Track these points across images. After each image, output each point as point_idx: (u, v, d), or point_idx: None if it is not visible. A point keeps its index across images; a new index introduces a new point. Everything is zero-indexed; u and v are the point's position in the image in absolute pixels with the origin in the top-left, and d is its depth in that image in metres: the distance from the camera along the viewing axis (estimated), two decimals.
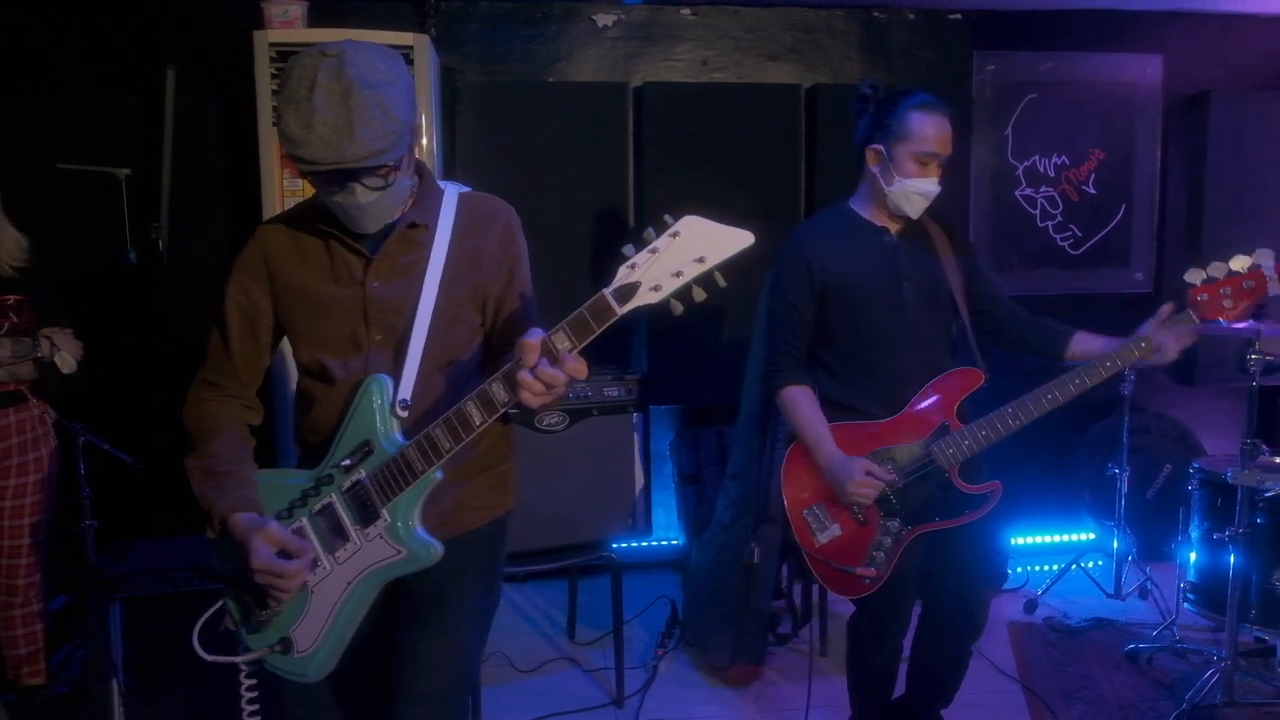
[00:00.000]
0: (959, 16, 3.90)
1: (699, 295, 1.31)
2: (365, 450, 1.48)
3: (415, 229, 1.55)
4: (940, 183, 2.05)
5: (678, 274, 1.30)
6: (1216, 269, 1.99)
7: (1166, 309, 2.01)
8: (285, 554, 1.47)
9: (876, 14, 3.86)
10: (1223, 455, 3.30)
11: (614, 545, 3.02)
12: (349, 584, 1.50)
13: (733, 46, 3.79)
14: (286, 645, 1.52)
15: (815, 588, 3.24)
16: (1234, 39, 4.10)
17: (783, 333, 2.12)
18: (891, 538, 2.06)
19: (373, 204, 1.45)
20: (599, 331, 1.33)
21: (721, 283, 1.32)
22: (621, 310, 1.32)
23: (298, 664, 1.53)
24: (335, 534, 1.51)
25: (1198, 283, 1.99)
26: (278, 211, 3.03)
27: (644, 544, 3.77)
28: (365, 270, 1.53)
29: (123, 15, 3.39)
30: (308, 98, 1.36)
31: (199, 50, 3.37)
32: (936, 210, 2.13)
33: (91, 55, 3.40)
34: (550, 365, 1.32)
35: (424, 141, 3.10)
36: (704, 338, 3.65)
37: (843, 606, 3.47)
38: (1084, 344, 2.09)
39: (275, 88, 2.93)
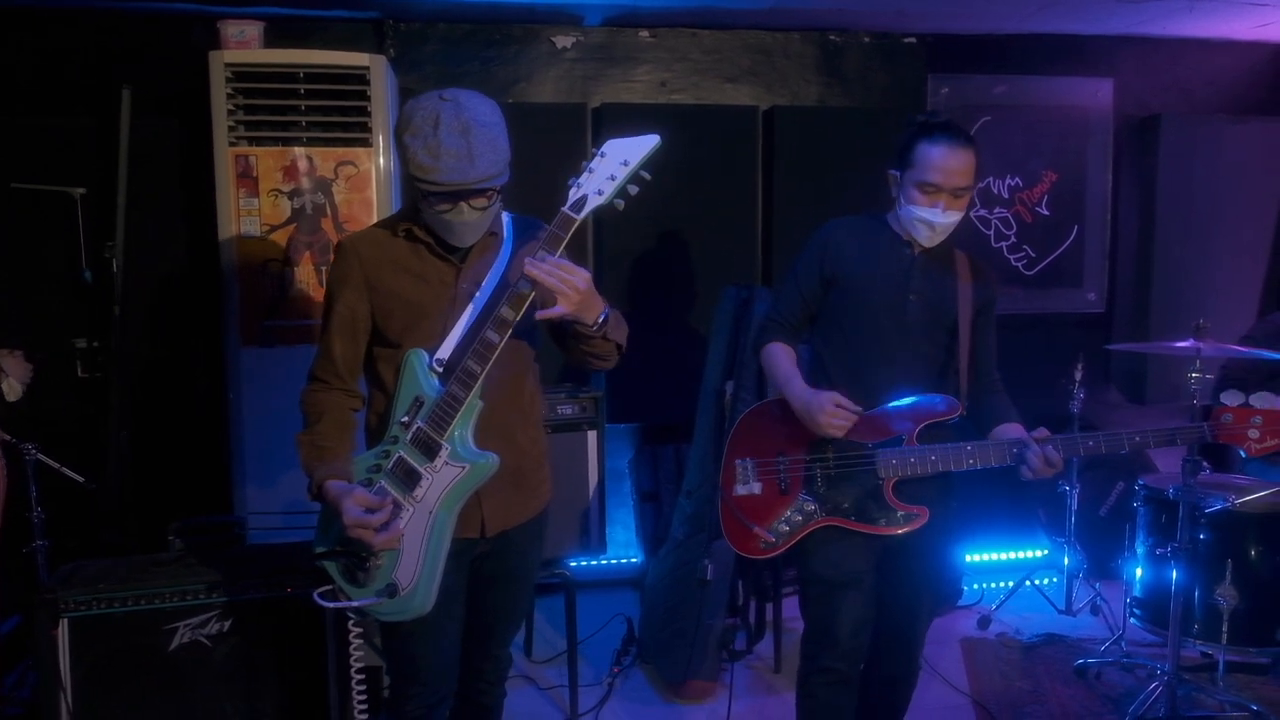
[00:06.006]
0: (914, 40, 3.97)
1: (632, 189, 1.71)
2: (418, 405, 1.76)
3: (492, 236, 1.86)
4: (946, 213, 2.03)
5: (612, 178, 1.69)
6: (1260, 399, 1.96)
7: (1041, 432, 2.01)
8: (371, 511, 1.74)
9: (833, 37, 3.92)
10: (1168, 472, 3.36)
11: (571, 563, 3.04)
12: (430, 514, 1.77)
13: (691, 68, 3.84)
14: (392, 590, 1.77)
15: (770, 605, 3.27)
16: (1183, 63, 4.19)
17: (782, 300, 2.23)
18: (803, 517, 2.10)
19: (475, 222, 1.76)
20: (566, 238, 1.70)
21: (647, 177, 1.71)
22: (579, 216, 1.70)
23: (402, 603, 1.78)
24: (410, 479, 1.77)
25: (1231, 404, 1.97)
26: (233, 231, 3.06)
27: (603, 562, 3.79)
28: (454, 275, 1.83)
29: (77, 36, 3.39)
30: (434, 133, 1.65)
31: (155, 71, 3.37)
32: (958, 242, 2.15)
33: (47, 76, 3.40)
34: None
35: (382, 162, 3.12)
36: (660, 356, 3.68)
37: (798, 623, 3.51)
38: (1002, 431, 2.09)
39: (229, 106, 3.01)
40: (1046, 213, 4.14)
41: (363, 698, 2.37)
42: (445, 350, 1.78)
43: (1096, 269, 4.22)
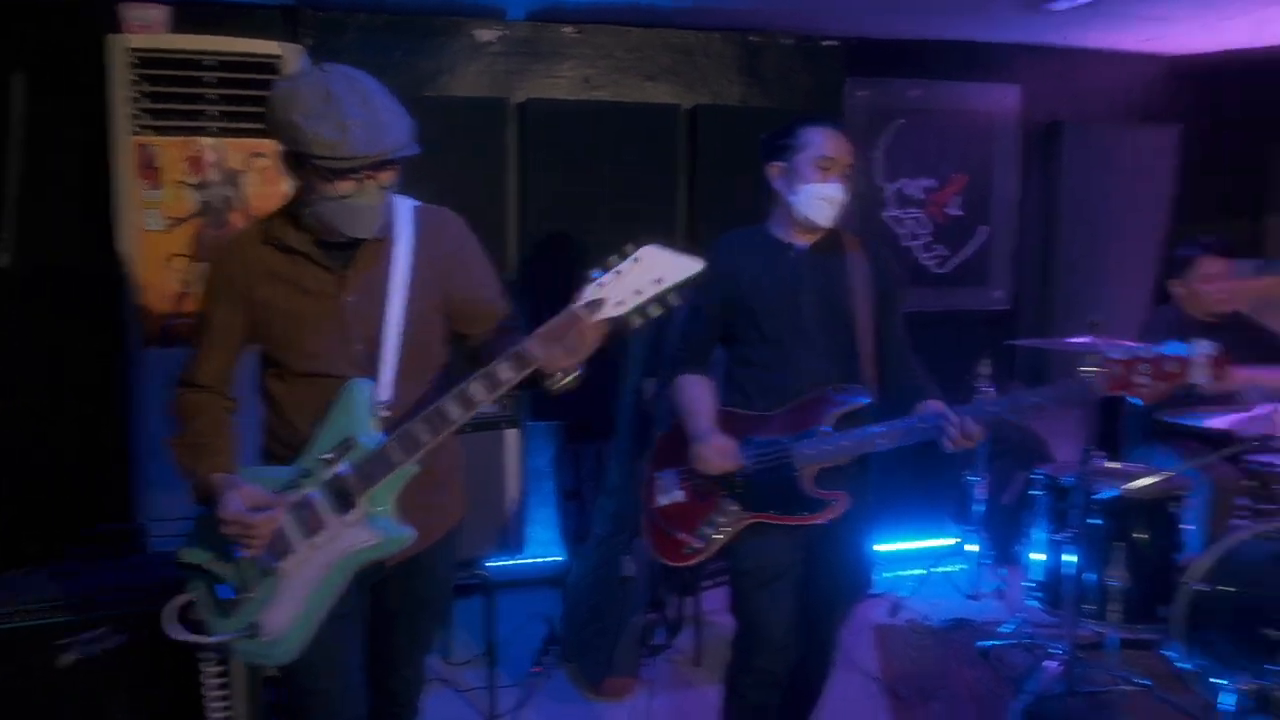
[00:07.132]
0: (834, 43, 4.05)
1: (654, 311, 1.50)
2: (346, 446, 1.61)
3: (380, 241, 1.68)
4: (846, 191, 2.15)
5: (638, 292, 1.49)
6: (1143, 349, 1.98)
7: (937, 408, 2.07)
8: (255, 509, 1.60)
9: (753, 38, 3.97)
10: (1063, 462, 3.52)
11: (490, 564, 3.02)
12: (326, 567, 1.63)
13: (614, 66, 3.84)
14: (253, 631, 1.63)
15: (689, 599, 3.31)
16: (1083, 72, 4.38)
17: (688, 330, 2.27)
18: (727, 518, 2.14)
19: (376, 206, 1.60)
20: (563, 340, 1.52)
21: (674, 301, 1.50)
22: (591, 321, 1.50)
23: (264, 647, 1.64)
24: (312, 524, 1.62)
25: (1117, 355, 1.99)
26: (134, 224, 2.93)
27: (523, 561, 3.76)
28: (338, 285, 1.67)
29: None
30: (332, 106, 1.49)
31: (52, 55, 3.19)
32: (857, 230, 2.26)
33: None
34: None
35: None
36: None
37: (718, 616, 3.57)
38: (922, 408, 2.14)
39: (135, 94, 2.88)
40: (957, 213, 4.29)
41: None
42: (384, 391, 1.65)
43: (1003, 268, 4.39)
